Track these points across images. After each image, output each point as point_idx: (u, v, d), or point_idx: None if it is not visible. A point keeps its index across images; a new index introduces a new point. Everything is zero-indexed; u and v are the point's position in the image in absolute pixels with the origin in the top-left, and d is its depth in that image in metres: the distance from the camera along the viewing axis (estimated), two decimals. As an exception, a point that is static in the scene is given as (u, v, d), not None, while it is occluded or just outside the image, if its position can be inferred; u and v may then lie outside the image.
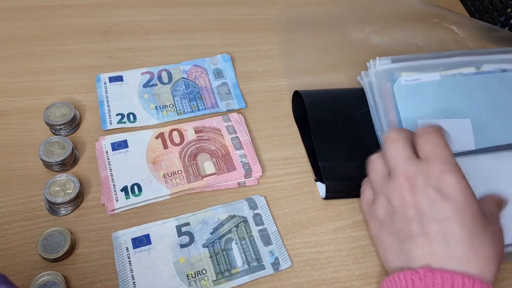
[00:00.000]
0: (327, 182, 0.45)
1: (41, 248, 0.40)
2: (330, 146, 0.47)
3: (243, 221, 0.44)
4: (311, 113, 0.49)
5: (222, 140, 0.49)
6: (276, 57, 0.58)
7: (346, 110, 0.50)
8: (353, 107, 0.51)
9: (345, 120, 0.50)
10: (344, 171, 0.46)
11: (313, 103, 0.50)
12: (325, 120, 0.49)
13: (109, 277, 0.40)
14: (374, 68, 0.49)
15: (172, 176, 0.46)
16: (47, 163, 0.45)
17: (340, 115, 0.50)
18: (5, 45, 0.56)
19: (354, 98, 0.51)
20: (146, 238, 0.42)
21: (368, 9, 0.61)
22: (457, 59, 0.49)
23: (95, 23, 0.60)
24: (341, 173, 0.46)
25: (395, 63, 0.49)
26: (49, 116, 0.48)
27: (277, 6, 0.65)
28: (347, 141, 0.48)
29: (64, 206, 0.43)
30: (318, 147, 0.47)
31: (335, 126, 0.49)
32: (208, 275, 0.40)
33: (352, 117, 0.50)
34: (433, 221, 0.35)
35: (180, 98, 0.52)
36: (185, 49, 0.58)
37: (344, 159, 0.47)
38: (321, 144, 0.47)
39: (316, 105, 0.50)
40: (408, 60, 0.49)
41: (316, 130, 0.48)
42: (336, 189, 0.45)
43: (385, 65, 0.48)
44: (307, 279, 0.41)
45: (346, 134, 0.48)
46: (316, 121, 0.49)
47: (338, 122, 0.49)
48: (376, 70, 0.48)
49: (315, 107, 0.50)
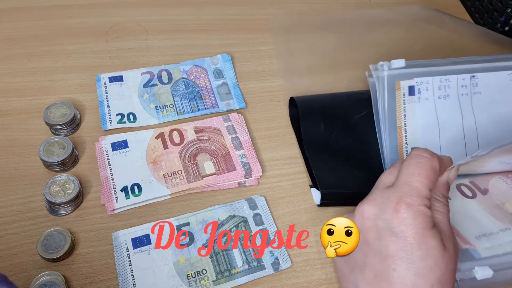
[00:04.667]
0: (322, 190, 0.44)
1: (41, 248, 0.40)
2: (324, 155, 0.47)
3: (243, 221, 0.44)
4: (304, 123, 0.49)
5: (222, 140, 0.49)
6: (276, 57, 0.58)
7: (343, 115, 0.49)
8: (351, 111, 0.50)
9: (341, 126, 0.48)
10: (339, 180, 0.45)
11: (307, 112, 0.49)
12: (319, 129, 0.48)
13: (109, 277, 0.40)
14: (387, 70, 0.46)
15: (172, 176, 0.46)
16: (47, 163, 0.45)
17: (336, 121, 0.49)
18: (5, 45, 0.56)
19: (352, 102, 0.50)
20: (146, 238, 0.42)
21: (367, 16, 0.61)
22: (470, 66, 0.47)
23: (95, 23, 0.60)
24: (336, 181, 0.45)
25: (409, 68, 0.46)
26: (49, 116, 0.48)
27: (277, 6, 0.65)
28: (342, 149, 0.47)
29: (64, 206, 0.43)
30: (310, 156, 0.47)
31: (330, 134, 0.48)
32: (208, 275, 0.40)
33: (349, 123, 0.49)
34: (378, 256, 0.33)
35: (180, 98, 0.52)
36: (185, 49, 0.58)
37: (339, 167, 0.46)
38: (314, 153, 0.47)
39: (310, 113, 0.49)
40: (422, 66, 0.47)
41: (308, 140, 0.47)
42: (331, 197, 0.45)
43: (398, 68, 0.46)
44: (307, 279, 0.41)
45: (341, 142, 0.47)
46: (309, 131, 0.48)
47: (333, 130, 0.48)
48: (388, 73, 0.46)
49: (309, 115, 0.49)
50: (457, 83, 0.46)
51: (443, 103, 0.46)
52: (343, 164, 0.46)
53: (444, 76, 0.46)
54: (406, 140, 0.45)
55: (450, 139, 0.45)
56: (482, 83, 0.47)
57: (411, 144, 0.45)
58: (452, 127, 0.45)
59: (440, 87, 0.46)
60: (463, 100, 0.46)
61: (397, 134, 0.45)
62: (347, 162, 0.47)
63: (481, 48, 0.58)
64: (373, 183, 0.44)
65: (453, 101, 0.46)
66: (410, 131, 0.45)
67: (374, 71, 0.47)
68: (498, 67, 0.48)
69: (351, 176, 0.46)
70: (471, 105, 0.46)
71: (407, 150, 0.45)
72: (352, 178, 0.45)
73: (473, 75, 0.47)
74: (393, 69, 0.45)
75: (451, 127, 0.46)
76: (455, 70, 0.47)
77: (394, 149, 0.45)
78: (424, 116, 0.45)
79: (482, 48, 0.58)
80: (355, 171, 0.46)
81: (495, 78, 0.47)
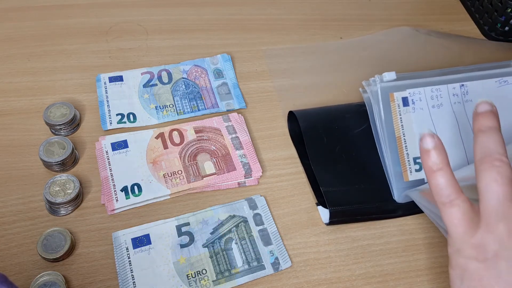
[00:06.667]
0: (331, 209, 0.43)
1: (41, 248, 0.40)
2: (330, 170, 0.46)
3: (243, 221, 0.44)
4: (307, 137, 0.47)
5: (222, 140, 0.49)
6: (276, 57, 0.58)
7: (344, 129, 0.49)
8: (351, 125, 0.49)
9: (343, 140, 0.48)
10: (347, 195, 0.44)
11: (309, 126, 0.48)
12: (322, 143, 0.47)
13: (109, 277, 0.40)
14: (379, 83, 0.46)
15: (172, 176, 0.46)
16: (47, 163, 0.45)
17: (338, 135, 0.48)
18: (5, 45, 0.56)
19: (352, 116, 0.49)
20: (146, 238, 0.42)
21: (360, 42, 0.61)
22: (458, 76, 0.48)
23: (95, 23, 0.60)
24: (344, 198, 0.44)
25: (400, 81, 0.47)
26: (49, 116, 0.48)
27: (277, 6, 0.65)
28: (347, 163, 0.46)
29: (64, 206, 0.43)
30: (317, 172, 0.45)
31: (333, 148, 0.47)
32: (208, 275, 0.40)
33: (350, 136, 0.48)
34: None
35: (180, 98, 0.52)
36: (185, 49, 0.58)
37: (346, 183, 0.45)
38: (320, 169, 0.46)
39: (312, 128, 0.48)
40: (413, 78, 0.47)
41: (314, 156, 0.46)
42: (340, 215, 0.44)
43: (390, 81, 0.46)
44: (307, 279, 0.41)
45: (345, 156, 0.47)
46: (314, 146, 0.47)
47: (336, 143, 0.47)
48: (381, 86, 0.46)
49: (311, 129, 0.48)
50: (448, 92, 0.47)
51: (437, 112, 0.46)
52: (349, 178, 0.45)
53: (435, 86, 0.47)
54: (407, 150, 0.45)
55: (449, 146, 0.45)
56: (472, 91, 0.47)
57: (412, 153, 0.45)
58: (450, 135, 0.46)
59: (433, 97, 0.47)
60: (456, 108, 0.47)
61: (397, 145, 0.45)
62: (353, 176, 0.46)
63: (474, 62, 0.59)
64: (379, 197, 0.44)
65: (447, 110, 0.46)
66: (409, 141, 0.45)
67: (367, 87, 0.48)
68: (485, 75, 0.48)
69: (358, 191, 0.45)
70: (465, 112, 0.47)
71: (409, 160, 0.45)
72: (359, 193, 0.45)
73: (463, 84, 0.47)
74: (385, 82, 0.46)
75: (449, 134, 0.46)
76: (445, 80, 0.47)
77: (396, 160, 0.45)
78: (421, 125, 0.46)
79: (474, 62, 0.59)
80: (362, 186, 0.45)
81: (484, 86, 0.48)
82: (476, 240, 0.32)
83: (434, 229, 0.45)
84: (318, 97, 0.54)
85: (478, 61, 0.58)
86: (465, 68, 0.49)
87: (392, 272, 0.42)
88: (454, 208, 0.32)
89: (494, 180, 0.31)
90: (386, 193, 0.45)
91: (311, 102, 0.53)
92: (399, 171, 0.45)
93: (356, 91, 0.51)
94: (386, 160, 0.45)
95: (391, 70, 0.47)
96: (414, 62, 0.59)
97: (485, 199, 0.32)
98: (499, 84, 0.48)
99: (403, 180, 0.45)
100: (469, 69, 0.48)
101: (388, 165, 0.45)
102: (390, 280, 0.41)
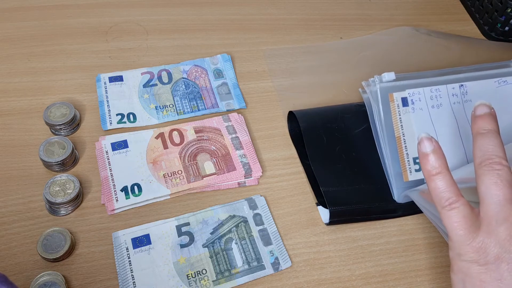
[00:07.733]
0: (331, 208, 0.43)
1: (41, 248, 0.40)
2: (330, 170, 0.46)
3: (243, 221, 0.44)
4: (307, 137, 0.48)
5: (222, 140, 0.49)
6: (276, 57, 0.58)
7: (344, 129, 0.49)
8: (351, 125, 0.49)
9: (343, 140, 0.48)
10: (347, 195, 0.44)
11: (309, 126, 0.48)
12: (322, 144, 0.47)
13: (109, 277, 0.40)
14: (379, 83, 0.46)
15: (172, 176, 0.46)
16: (47, 163, 0.45)
17: (338, 135, 0.48)
18: (5, 45, 0.56)
19: (352, 116, 0.49)
20: (146, 238, 0.42)
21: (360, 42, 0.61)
22: (457, 76, 0.48)
23: (95, 23, 0.60)
24: (344, 198, 0.44)
25: (400, 81, 0.47)
26: (49, 116, 0.48)
27: (277, 6, 0.65)
28: (347, 164, 0.46)
29: (64, 206, 0.43)
30: (317, 172, 0.46)
31: (333, 148, 0.47)
32: (208, 275, 0.40)
33: (350, 136, 0.48)
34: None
35: (180, 98, 0.52)
36: (185, 49, 0.58)
37: (346, 183, 0.45)
38: (320, 169, 0.46)
39: (312, 128, 0.48)
40: (412, 78, 0.47)
41: (314, 156, 0.47)
42: (340, 215, 0.44)
43: (389, 81, 0.46)
44: (307, 279, 0.41)
45: (345, 156, 0.47)
46: (313, 146, 0.47)
47: (336, 143, 0.47)
48: (380, 86, 0.46)
49: (311, 130, 0.48)
50: (447, 93, 0.47)
51: (437, 112, 0.46)
52: (349, 178, 0.45)
53: (434, 86, 0.47)
54: (407, 150, 0.45)
55: (449, 147, 0.45)
56: (471, 92, 0.47)
57: (412, 154, 0.45)
58: (450, 135, 0.46)
59: (432, 97, 0.47)
60: (456, 108, 0.47)
61: (397, 145, 0.45)
62: (353, 176, 0.46)
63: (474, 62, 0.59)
64: (379, 197, 0.43)
65: (447, 110, 0.46)
66: (409, 141, 0.45)
67: (367, 87, 0.48)
68: (485, 76, 0.48)
69: (358, 191, 0.45)
70: (464, 112, 0.47)
71: (409, 160, 0.45)
72: (359, 193, 0.45)
73: (462, 84, 0.47)
74: (385, 82, 0.46)
75: (448, 134, 0.46)
76: (444, 80, 0.47)
77: (396, 160, 0.45)
78: (421, 125, 0.46)
79: (474, 62, 0.59)
80: (362, 186, 0.45)
81: (483, 86, 0.48)
82: (477, 243, 0.32)
83: (434, 229, 0.45)
84: (318, 97, 0.54)
85: (478, 61, 0.58)
86: (465, 68, 0.49)
87: (392, 272, 0.42)
88: (454, 211, 0.32)
89: (494, 183, 0.31)
90: (386, 193, 0.45)
91: (311, 102, 0.53)
92: (399, 171, 0.45)
93: (356, 91, 0.51)
94: (386, 160, 0.45)
95: (391, 70, 0.47)
96: (414, 62, 0.59)
97: (486, 202, 0.32)
98: (499, 84, 0.48)
99: (403, 180, 0.45)
100: (469, 69, 0.48)
101: (388, 165, 0.45)
102: (390, 280, 0.41)
